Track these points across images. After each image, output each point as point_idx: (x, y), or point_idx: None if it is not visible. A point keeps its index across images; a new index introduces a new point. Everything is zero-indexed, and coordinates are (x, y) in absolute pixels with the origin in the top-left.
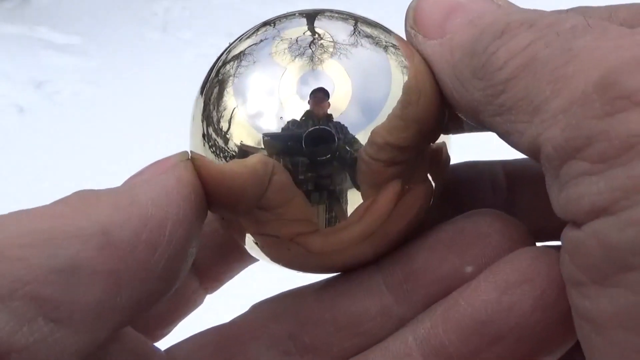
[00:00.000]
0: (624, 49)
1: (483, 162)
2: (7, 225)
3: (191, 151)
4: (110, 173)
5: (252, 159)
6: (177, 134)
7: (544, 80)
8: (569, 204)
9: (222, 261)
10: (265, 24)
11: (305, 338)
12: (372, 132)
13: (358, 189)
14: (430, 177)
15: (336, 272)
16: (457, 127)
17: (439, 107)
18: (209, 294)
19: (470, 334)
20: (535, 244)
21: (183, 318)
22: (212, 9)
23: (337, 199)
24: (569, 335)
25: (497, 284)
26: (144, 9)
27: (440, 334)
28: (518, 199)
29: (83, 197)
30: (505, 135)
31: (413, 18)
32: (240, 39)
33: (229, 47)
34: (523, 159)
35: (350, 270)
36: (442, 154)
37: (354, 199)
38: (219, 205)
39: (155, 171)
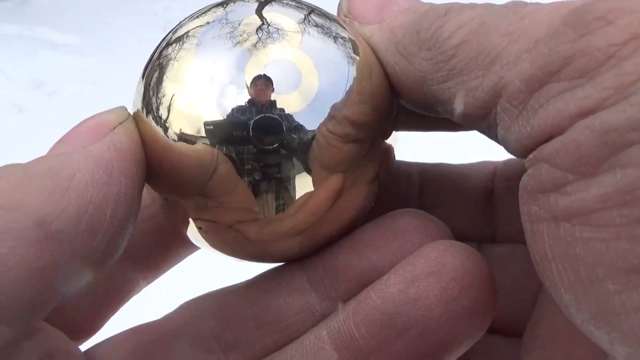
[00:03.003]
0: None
1: (400, 162)
2: None
3: (138, 110)
4: None
5: (199, 147)
6: None
7: (499, 35)
8: (549, 120)
9: (161, 247)
10: (218, 4)
11: (228, 336)
12: (332, 107)
13: (309, 172)
14: (376, 179)
15: (266, 262)
16: (405, 123)
17: (389, 87)
18: (148, 283)
19: (379, 326)
20: (453, 239)
21: (117, 309)
22: None
23: (285, 187)
24: (474, 330)
25: (405, 276)
26: (143, 9)
27: (351, 327)
28: (429, 198)
29: (13, 180)
30: (452, 101)
31: (347, 8)
32: (190, 17)
33: (177, 25)
34: (441, 163)
35: (280, 262)
36: (390, 155)
37: (302, 187)
38: (157, 182)
39: (90, 136)
